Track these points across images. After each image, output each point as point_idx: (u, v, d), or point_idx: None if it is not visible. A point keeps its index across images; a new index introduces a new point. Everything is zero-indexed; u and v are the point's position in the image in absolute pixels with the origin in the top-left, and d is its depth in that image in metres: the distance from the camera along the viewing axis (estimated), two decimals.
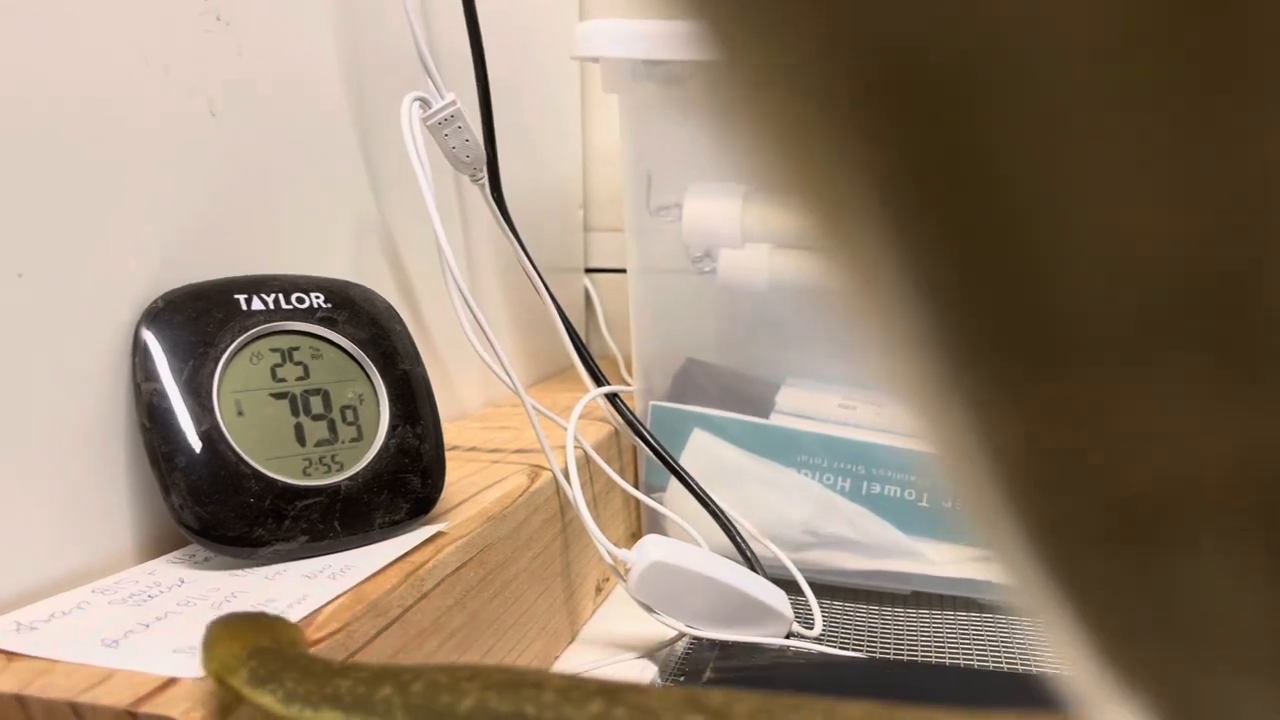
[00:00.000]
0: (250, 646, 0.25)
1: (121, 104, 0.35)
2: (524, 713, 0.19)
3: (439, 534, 0.38)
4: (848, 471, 0.56)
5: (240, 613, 0.28)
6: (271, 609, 0.31)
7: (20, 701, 0.26)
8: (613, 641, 0.50)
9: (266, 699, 0.23)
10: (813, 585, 0.54)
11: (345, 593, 0.32)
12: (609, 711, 0.19)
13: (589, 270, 0.84)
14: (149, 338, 0.35)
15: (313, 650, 0.29)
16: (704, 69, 0.07)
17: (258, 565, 0.34)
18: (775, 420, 0.59)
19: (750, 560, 0.53)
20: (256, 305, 0.37)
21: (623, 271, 0.80)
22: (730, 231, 0.57)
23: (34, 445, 0.32)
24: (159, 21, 0.36)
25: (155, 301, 0.35)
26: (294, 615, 0.31)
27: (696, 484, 0.55)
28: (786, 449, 0.57)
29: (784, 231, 0.59)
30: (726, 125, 0.08)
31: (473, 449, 0.52)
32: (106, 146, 0.34)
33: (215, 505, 0.33)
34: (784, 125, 0.07)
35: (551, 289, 0.52)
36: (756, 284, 0.58)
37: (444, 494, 0.40)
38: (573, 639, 0.51)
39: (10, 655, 0.28)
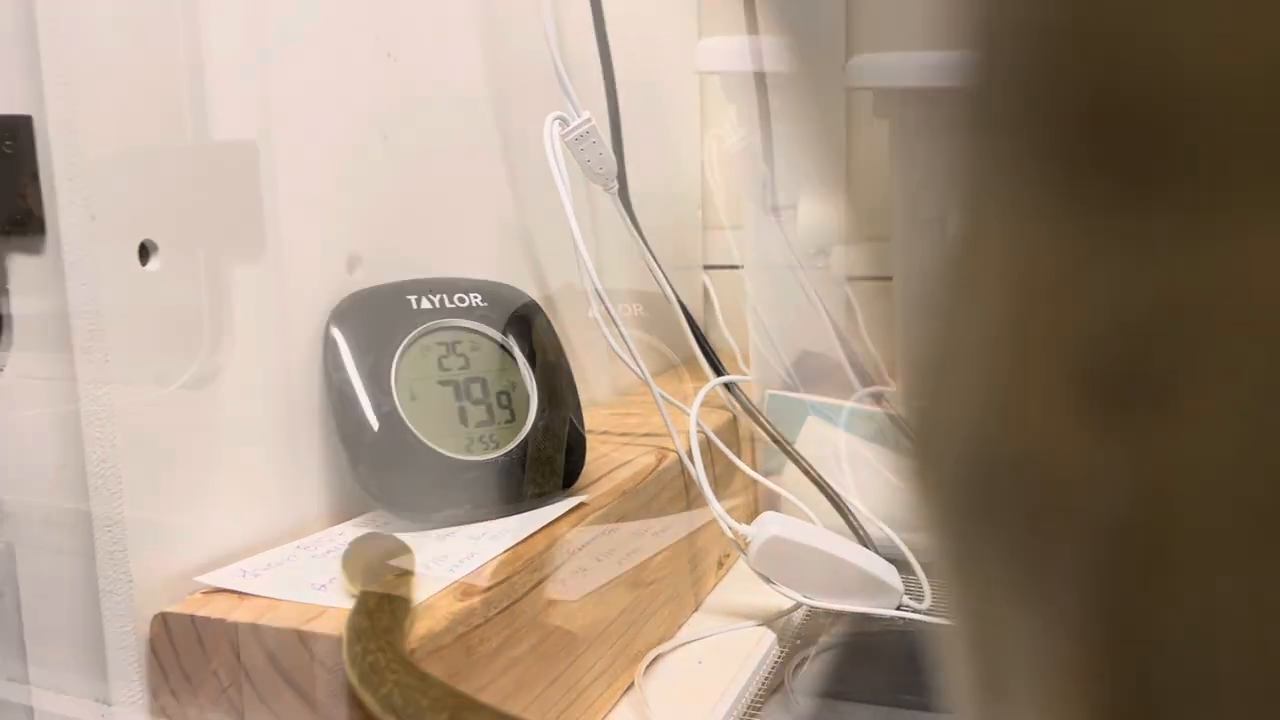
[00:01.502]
0: (364, 568, 0.34)
1: (317, 134, 0.41)
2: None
3: (581, 504, 0.43)
4: None
5: (366, 536, 0.38)
6: (444, 564, 0.37)
7: (255, 630, 0.32)
8: (734, 611, 0.55)
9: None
10: (922, 564, 0.57)
11: (505, 552, 0.38)
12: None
13: (707, 267, 0.88)
14: (337, 333, 0.41)
15: (484, 595, 0.34)
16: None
17: (430, 529, 0.40)
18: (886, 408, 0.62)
19: (863, 538, 0.56)
20: (425, 304, 0.43)
21: (740, 268, 0.84)
22: (843, 228, 0.60)
23: (251, 427, 0.38)
24: (342, 61, 0.42)
25: (342, 302, 0.41)
26: (464, 569, 0.36)
27: (811, 467, 0.59)
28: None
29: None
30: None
31: (604, 432, 0.57)
32: (305, 170, 0.40)
33: (397, 476, 0.39)
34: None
35: (674, 285, 0.57)
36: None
37: (584, 470, 0.45)
38: (696, 608, 0.55)
39: (241, 595, 0.34)
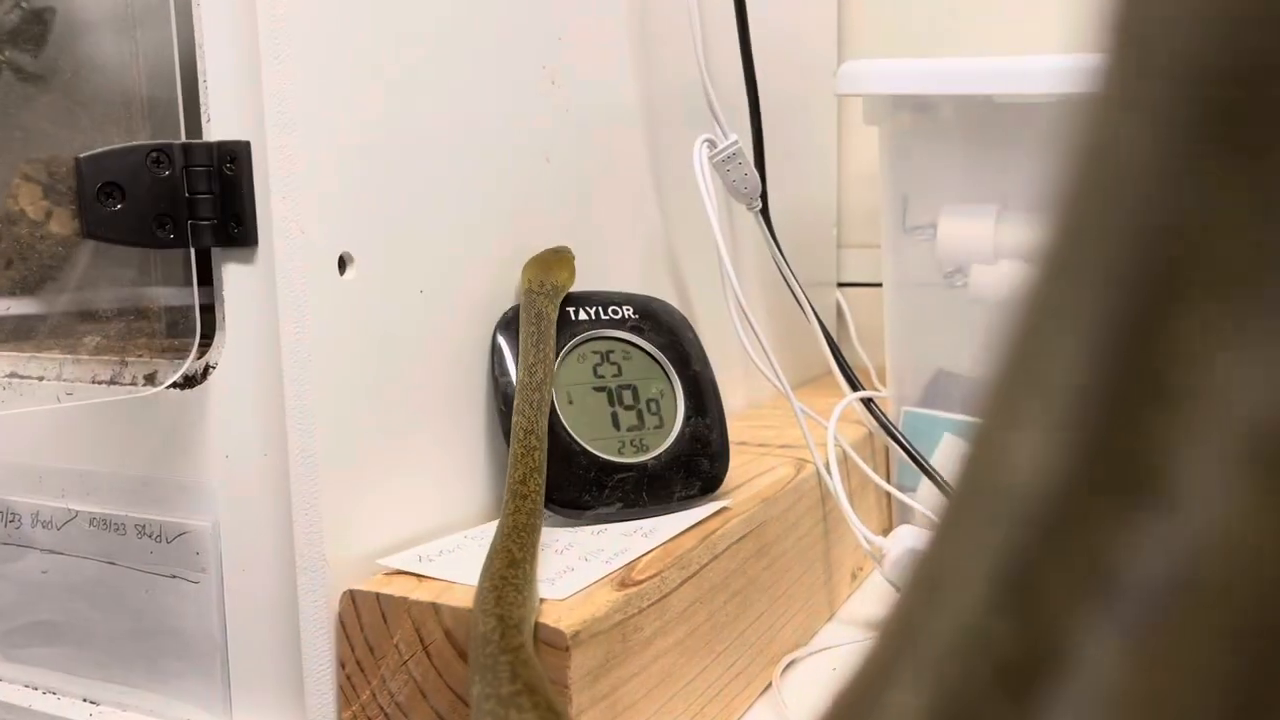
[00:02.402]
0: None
1: (490, 160, 0.44)
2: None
3: (725, 508, 0.45)
4: None
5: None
6: (600, 557, 0.39)
7: (435, 608, 0.35)
8: (868, 622, 0.56)
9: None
10: None
11: (655, 548, 0.40)
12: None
13: (840, 284, 0.90)
14: (502, 341, 0.44)
15: (639, 587, 0.37)
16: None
17: (584, 525, 0.43)
18: None
19: None
20: (582, 315, 0.46)
21: (873, 285, 0.84)
22: (983, 248, 0.61)
23: (427, 427, 0.41)
24: (509, 89, 0.46)
25: (507, 312, 0.45)
26: (619, 563, 0.38)
27: (947, 483, 0.59)
28: None
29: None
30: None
31: (742, 443, 0.59)
32: (480, 194, 0.44)
33: (554, 474, 0.42)
34: None
35: (811, 302, 0.58)
36: (1008, 297, 0.62)
37: (726, 476, 0.47)
38: (830, 617, 0.57)
39: (420, 577, 0.37)
